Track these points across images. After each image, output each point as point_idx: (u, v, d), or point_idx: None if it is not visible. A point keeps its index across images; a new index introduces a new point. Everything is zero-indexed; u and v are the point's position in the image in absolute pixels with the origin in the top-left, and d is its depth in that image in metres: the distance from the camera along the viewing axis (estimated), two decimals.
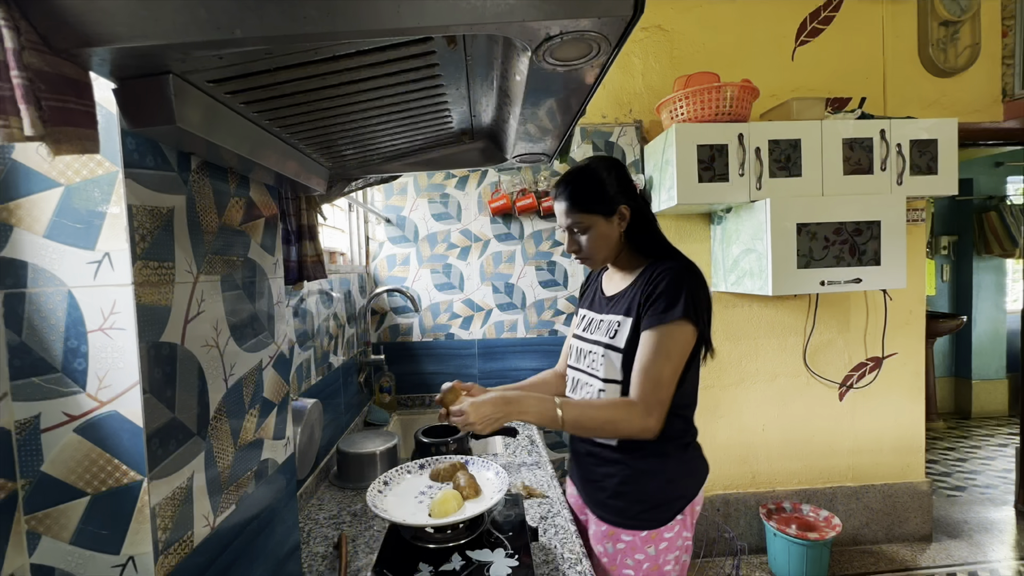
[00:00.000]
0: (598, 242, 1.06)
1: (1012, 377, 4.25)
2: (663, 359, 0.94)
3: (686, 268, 1.00)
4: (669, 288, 0.96)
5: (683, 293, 0.95)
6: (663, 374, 0.94)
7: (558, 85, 0.53)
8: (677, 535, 1.02)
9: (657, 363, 0.94)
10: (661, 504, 1.02)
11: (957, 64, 2.29)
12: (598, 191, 1.04)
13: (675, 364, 0.95)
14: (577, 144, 2.20)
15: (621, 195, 1.05)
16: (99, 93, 0.45)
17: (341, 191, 1.07)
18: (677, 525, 1.02)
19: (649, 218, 1.09)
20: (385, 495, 1.08)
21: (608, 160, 1.08)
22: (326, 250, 1.70)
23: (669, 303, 0.95)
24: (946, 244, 4.33)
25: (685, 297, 0.95)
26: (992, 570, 2.19)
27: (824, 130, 1.91)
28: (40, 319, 0.48)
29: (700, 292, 0.98)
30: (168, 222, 0.55)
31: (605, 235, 1.06)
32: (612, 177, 1.05)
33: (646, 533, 1.01)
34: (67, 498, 0.49)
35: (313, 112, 0.61)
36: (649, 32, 2.23)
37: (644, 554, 1.01)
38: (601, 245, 1.07)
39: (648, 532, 1.01)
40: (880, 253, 1.91)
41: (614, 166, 1.07)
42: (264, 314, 0.78)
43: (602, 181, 1.04)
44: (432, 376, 2.22)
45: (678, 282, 0.97)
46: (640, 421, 0.94)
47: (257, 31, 0.38)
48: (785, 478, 2.35)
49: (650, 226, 1.09)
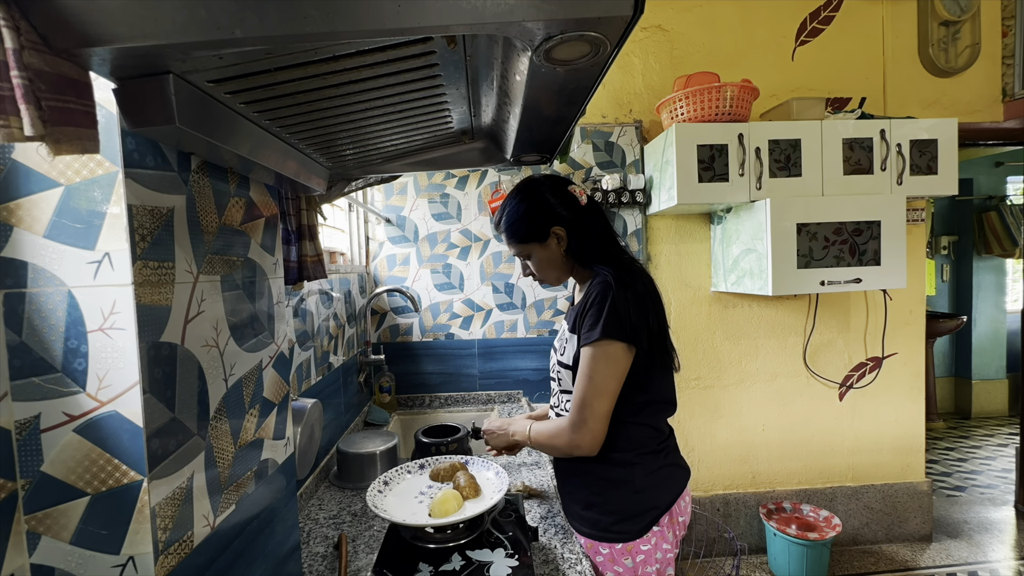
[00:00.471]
0: (543, 265, 1.10)
1: (1012, 377, 4.25)
2: (584, 380, 0.98)
3: (613, 280, 0.98)
4: (592, 307, 0.98)
5: (604, 311, 0.96)
6: (585, 394, 0.98)
7: (558, 85, 0.53)
8: (655, 548, 1.02)
9: (580, 384, 0.99)
10: (632, 515, 1.02)
11: (957, 64, 2.29)
12: (523, 224, 1.07)
13: (597, 383, 0.97)
14: (577, 144, 2.20)
15: (550, 219, 1.06)
16: (99, 93, 0.45)
17: (341, 191, 1.07)
18: (654, 537, 1.02)
19: (588, 230, 1.07)
20: (385, 495, 1.08)
21: (528, 188, 1.09)
22: (326, 250, 1.70)
23: (592, 323, 0.97)
24: (946, 244, 4.33)
25: (606, 315, 0.95)
26: (992, 570, 2.19)
27: (824, 130, 1.91)
28: (40, 319, 0.48)
29: (623, 305, 0.96)
30: (168, 222, 0.55)
31: (547, 258, 1.09)
32: (534, 206, 1.07)
33: (621, 546, 1.01)
34: (67, 498, 0.49)
35: (313, 112, 0.61)
36: (649, 32, 2.23)
37: (622, 567, 1.02)
38: (547, 267, 1.11)
39: (623, 545, 1.01)
40: (880, 253, 1.91)
41: (532, 193, 1.08)
42: (264, 314, 0.78)
43: (524, 214, 1.07)
44: (432, 376, 2.22)
45: (601, 300, 0.97)
46: (568, 439, 1.00)
47: (257, 31, 0.38)
48: (785, 478, 2.35)
49: (589, 238, 1.07)
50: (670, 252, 2.27)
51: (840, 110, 2.15)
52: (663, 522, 1.03)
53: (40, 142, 0.37)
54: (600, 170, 2.22)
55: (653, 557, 1.01)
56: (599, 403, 0.98)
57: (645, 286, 1.02)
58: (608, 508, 1.03)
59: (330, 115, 0.63)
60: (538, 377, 2.23)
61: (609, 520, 1.02)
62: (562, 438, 1.02)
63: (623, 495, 1.02)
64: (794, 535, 2.02)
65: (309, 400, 1.05)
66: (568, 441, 1.00)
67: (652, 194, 2.14)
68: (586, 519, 1.05)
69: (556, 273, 1.12)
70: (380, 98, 0.60)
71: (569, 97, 0.58)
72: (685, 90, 1.90)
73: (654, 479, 1.04)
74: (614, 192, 2.13)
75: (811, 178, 1.92)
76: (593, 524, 1.04)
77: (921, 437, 2.38)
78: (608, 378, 0.97)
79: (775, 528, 2.08)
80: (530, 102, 0.59)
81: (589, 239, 1.07)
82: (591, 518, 1.04)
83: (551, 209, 1.07)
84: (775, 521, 2.13)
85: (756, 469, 2.34)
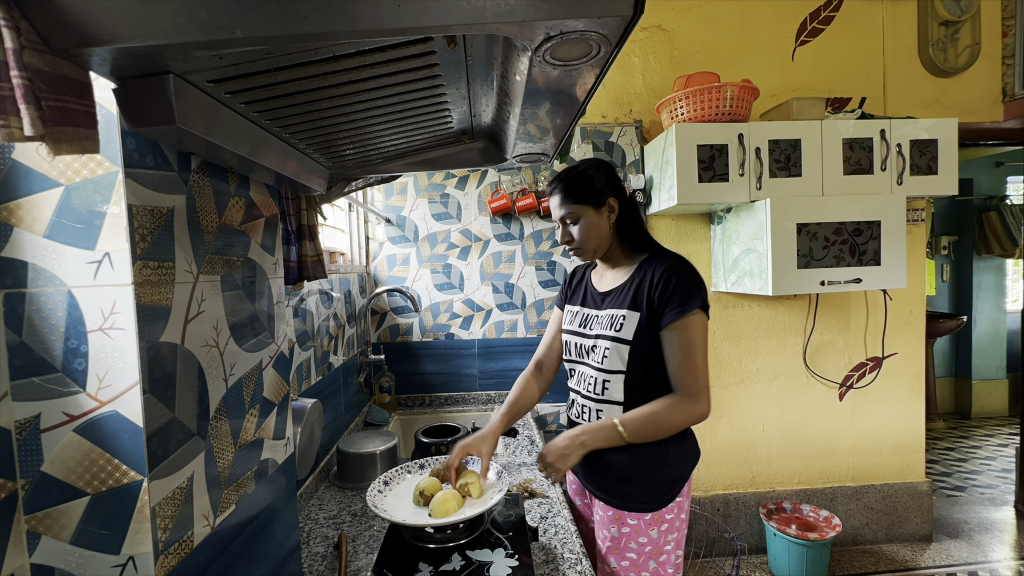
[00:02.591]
0: (589, 232, 1.13)
1: (1012, 377, 4.25)
2: (693, 350, 1.03)
3: (686, 263, 1.09)
4: (680, 284, 1.04)
5: (693, 286, 1.04)
6: (697, 363, 1.04)
7: (558, 85, 0.53)
8: (676, 516, 1.09)
9: (690, 355, 1.03)
10: (663, 487, 1.08)
11: (957, 64, 2.29)
12: (587, 184, 1.12)
13: (703, 350, 1.05)
14: (577, 144, 2.20)
15: (609, 189, 1.13)
16: (99, 93, 0.45)
17: (341, 191, 1.07)
18: (676, 507, 1.09)
19: (637, 216, 1.17)
20: (385, 495, 1.08)
21: (599, 160, 1.17)
22: (326, 250, 1.70)
23: (684, 298, 1.03)
24: (946, 244, 4.33)
25: (696, 290, 1.04)
26: (992, 570, 2.19)
27: (824, 130, 1.91)
28: (40, 319, 0.48)
29: (703, 283, 1.08)
30: (168, 222, 0.55)
31: (595, 225, 1.13)
32: (601, 173, 1.14)
33: (650, 516, 1.07)
34: (67, 498, 0.49)
35: (313, 112, 0.61)
36: (649, 32, 2.23)
37: (647, 537, 1.07)
38: (592, 235, 1.13)
39: (652, 515, 1.07)
40: (880, 253, 1.91)
41: (603, 165, 1.16)
42: (264, 314, 0.78)
43: (591, 176, 1.13)
44: (432, 376, 2.22)
45: (686, 277, 1.05)
46: (692, 411, 1.04)
47: (257, 31, 0.38)
48: (785, 478, 2.35)
49: (638, 223, 1.17)
50: None
51: (840, 110, 2.14)
52: (683, 492, 1.10)
53: (40, 142, 0.37)
54: None
55: (674, 525, 1.09)
56: (706, 368, 1.05)
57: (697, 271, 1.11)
58: (642, 482, 1.08)
59: (330, 115, 0.63)
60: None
61: (640, 492, 1.08)
62: (684, 411, 1.03)
63: (655, 470, 1.08)
64: (794, 535, 2.02)
65: (309, 400, 1.05)
66: (688, 411, 1.03)
67: (652, 194, 2.14)
68: (617, 492, 1.10)
69: (596, 243, 1.14)
70: (380, 98, 0.60)
71: (569, 97, 0.58)
72: (685, 90, 1.90)
73: (681, 453, 1.10)
74: None
75: (811, 178, 1.92)
76: (623, 496, 1.09)
77: (921, 437, 2.38)
78: (706, 343, 1.06)
79: (775, 528, 2.08)
80: (530, 102, 0.59)
81: (639, 223, 1.17)
82: (622, 491, 1.09)
83: (613, 183, 1.14)
84: (775, 521, 2.13)
85: (756, 469, 2.34)
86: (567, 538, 1.07)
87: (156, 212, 0.52)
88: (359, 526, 1.15)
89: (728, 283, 2.15)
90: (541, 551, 1.02)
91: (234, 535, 0.66)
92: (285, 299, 0.88)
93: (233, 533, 0.66)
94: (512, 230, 2.21)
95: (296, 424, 0.97)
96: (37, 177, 0.48)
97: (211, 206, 0.64)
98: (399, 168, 0.94)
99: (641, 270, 1.11)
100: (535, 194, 2.14)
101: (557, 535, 1.08)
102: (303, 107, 0.59)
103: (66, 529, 0.49)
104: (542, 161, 0.91)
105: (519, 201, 2.12)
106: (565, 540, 1.06)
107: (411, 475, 1.17)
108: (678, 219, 2.27)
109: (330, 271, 1.60)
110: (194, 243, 0.59)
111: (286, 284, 1.13)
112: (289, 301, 1.22)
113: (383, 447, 1.41)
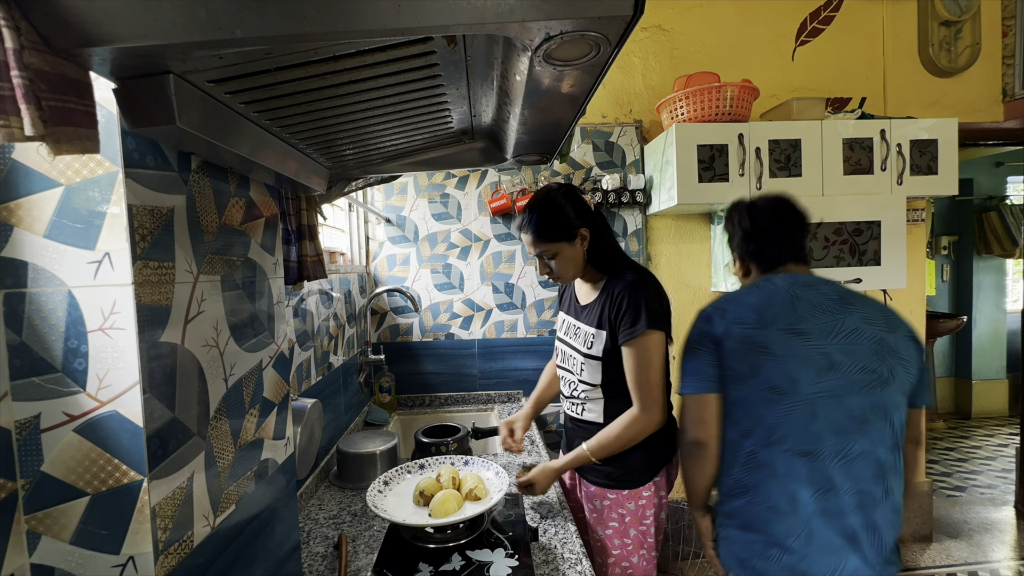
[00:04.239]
0: (566, 264, 1.19)
1: (1012, 377, 4.25)
2: (645, 367, 1.11)
3: (640, 281, 1.14)
4: (630, 305, 1.11)
5: (641, 306, 1.10)
6: (650, 379, 1.12)
7: (558, 85, 0.53)
8: (654, 494, 1.18)
9: (642, 372, 1.12)
10: (639, 469, 1.17)
11: (957, 64, 2.29)
12: (559, 220, 1.16)
13: (656, 366, 1.12)
14: (577, 144, 2.20)
15: (579, 219, 1.17)
16: (99, 93, 0.45)
17: (341, 191, 1.07)
18: (653, 486, 1.18)
19: (605, 233, 1.22)
20: (385, 495, 1.08)
21: (563, 187, 1.20)
22: (326, 250, 1.70)
23: (633, 319, 1.10)
24: (946, 244, 4.33)
25: (644, 310, 1.10)
26: (992, 570, 2.19)
27: (824, 130, 1.91)
28: (40, 319, 0.48)
29: (655, 300, 1.13)
30: (168, 222, 0.55)
31: (571, 257, 1.18)
32: (569, 204, 1.17)
33: (627, 492, 1.17)
34: (67, 498, 0.49)
35: (313, 112, 0.61)
36: (649, 32, 2.23)
37: (626, 509, 1.17)
38: (569, 266, 1.19)
39: (629, 491, 1.17)
40: (880, 253, 1.91)
41: (569, 192, 1.19)
42: (264, 314, 0.78)
43: (561, 209, 1.16)
44: (432, 376, 2.22)
45: (635, 297, 1.11)
46: (646, 422, 1.12)
47: (257, 31, 0.38)
48: None
49: (607, 241, 1.21)
50: (670, 252, 2.27)
51: (840, 110, 2.14)
52: (662, 473, 1.20)
53: (40, 142, 0.37)
54: (600, 170, 2.22)
55: (652, 502, 1.18)
56: (658, 383, 1.13)
57: (656, 284, 1.17)
58: (619, 463, 1.17)
59: (330, 115, 0.63)
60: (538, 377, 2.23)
61: (620, 472, 1.17)
62: (636, 425, 1.12)
63: (635, 455, 1.16)
64: None
65: (309, 400, 1.05)
66: (644, 423, 1.12)
67: (652, 194, 2.14)
68: (598, 471, 1.19)
69: (574, 271, 1.21)
70: (380, 98, 0.60)
71: (569, 97, 0.58)
72: (685, 90, 1.90)
73: (660, 444, 1.18)
74: (614, 192, 2.13)
75: (811, 178, 1.91)
76: (606, 476, 1.18)
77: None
78: (660, 361, 1.13)
79: None
80: (530, 102, 0.59)
81: (608, 241, 1.21)
82: (604, 471, 1.18)
83: (581, 210, 1.18)
84: None
85: None
86: (567, 538, 1.07)
87: (156, 212, 0.52)
88: (359, 526, 1.15)
89: (728, 283, 2.15)
90: (541, 551, 1.02)
91: (234, 535, 0.66)
92: (285, 299, 0.88)
93: (233, 533, 0.66)
94: (512, 230, 2.21)
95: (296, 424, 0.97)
96: (37, 177, 0.48)
97: (211, 206, 0.64)
98: (399, 168, 0.94)
99: (607, 289, 1.18)
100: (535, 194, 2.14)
101: (557, 535, 1.08)
102: (303, 107, 0.59)
103: (66, 529, 0.49)
104: (542, 161, 0.91)
105: (519, 201, 2.12)
106: (565, 540, 1.06)
107: (411, 475, 1.17)
108: (678, 219, 2.27)
109: (330, 271, 1.60)
110: (194, 243, 0.59)
111: (286, 284, 1.13)
112: (289, 301, 1.22)
113: (383, 447, 1.41)
